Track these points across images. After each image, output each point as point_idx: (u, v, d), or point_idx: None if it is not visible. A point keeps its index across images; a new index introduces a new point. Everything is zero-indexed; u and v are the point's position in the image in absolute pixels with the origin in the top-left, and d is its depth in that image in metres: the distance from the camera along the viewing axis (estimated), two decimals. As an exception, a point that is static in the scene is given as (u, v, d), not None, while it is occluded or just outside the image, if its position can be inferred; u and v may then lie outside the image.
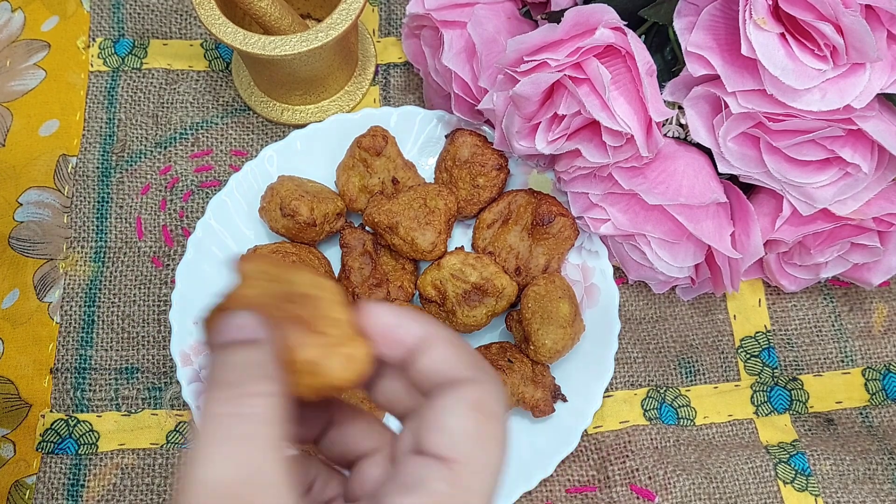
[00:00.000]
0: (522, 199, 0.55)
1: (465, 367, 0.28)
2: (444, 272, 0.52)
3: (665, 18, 0.48)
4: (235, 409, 0.26)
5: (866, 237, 0.50)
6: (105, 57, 0.64)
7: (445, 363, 0.28)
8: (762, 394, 0.55)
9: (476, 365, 0.28)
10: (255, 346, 0.27)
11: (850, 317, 0.57)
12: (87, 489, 0.52)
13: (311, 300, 0.29)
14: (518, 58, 0.47)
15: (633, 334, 0.56)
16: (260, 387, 0.26)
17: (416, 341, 0.29)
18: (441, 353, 0.28)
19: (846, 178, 0.48)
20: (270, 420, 0.26)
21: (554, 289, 0.52)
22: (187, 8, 0.66)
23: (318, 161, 0.58)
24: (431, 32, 0.58)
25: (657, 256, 0.52)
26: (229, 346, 0.27)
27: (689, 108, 0.49)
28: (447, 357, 0.28)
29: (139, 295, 0.57)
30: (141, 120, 0.62)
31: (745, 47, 0.43)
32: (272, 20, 0.57)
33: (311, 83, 0.60)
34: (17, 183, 0.60)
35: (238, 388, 0.26)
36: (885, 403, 0.55)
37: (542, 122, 0.49)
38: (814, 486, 0.51)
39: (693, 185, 0.49)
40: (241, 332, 0.28)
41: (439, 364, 0.28)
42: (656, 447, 0.53)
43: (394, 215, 0.53)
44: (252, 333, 0.28)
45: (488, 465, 0.27)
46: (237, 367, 0.27)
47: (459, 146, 0.55)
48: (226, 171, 0.61)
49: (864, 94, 0.44)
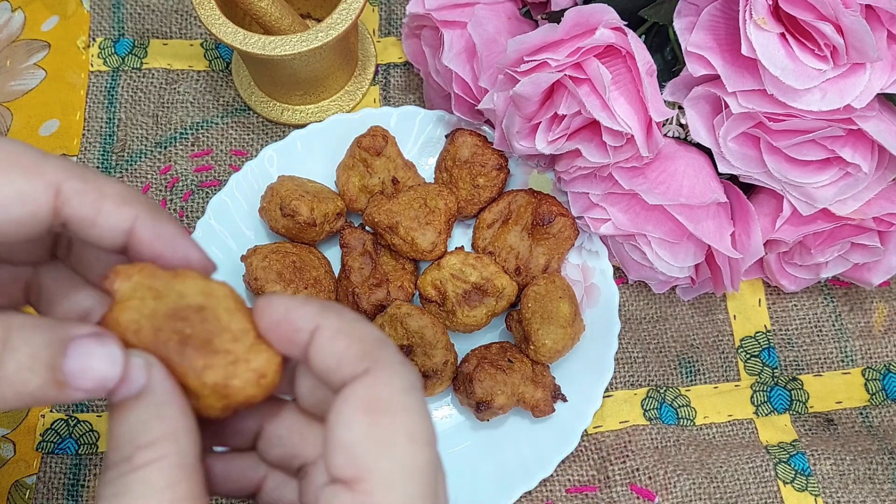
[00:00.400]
0: (522, 199, 0.55)
1: (354, 358, 0.25)
2: (444, 272, 0.52)
3: (665, 18, 0.48)
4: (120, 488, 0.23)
5: (866, 237, 0.50)
6: (105, 57, 0.64)
7: (332, 357, 0.25)
8: (762, 394, 0.55)
9: (366, 351, 0.25)
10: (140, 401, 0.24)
11: (850, 317, 0.57)
12: (87, 489, 0.51)
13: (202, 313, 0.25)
14: (518, 58, 0.47)
15: (633, 334, 0.56)
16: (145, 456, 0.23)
17: (307, 335, 0.25)
18: (326, 346, 0.25)
19: (846, 178, 0.48)
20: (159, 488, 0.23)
21: (554, 289, 0.52)
22: (187, 8, 0.66)
23: (318, 161, 0.58)
24: (431, 32, 0.58)
25: (657, 256, 0.52)
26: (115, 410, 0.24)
27: (690, 108, 0.49)
28: (333, 349, 0.25)
29: (139, 295, 0.57)
30: (141, 120, 0.62)
31: (746, 47, 0.43)
32: (272, 20, 0.57)
33: (311, 83, 0.60)
34: (17, 183, 0.60)
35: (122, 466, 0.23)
36: (885, 403, 0.55)
37: (542, 122, 0.49)
38: (814, 486, 0.51)
39: (693, 185, 0.49)
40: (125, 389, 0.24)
41: (326, 359, 0.25)
42: (656, 447, 0.53)
43: (394, 215, 0.53)
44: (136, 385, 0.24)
45: (399, 471, 0.23)
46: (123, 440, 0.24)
47: (459, 146, 0.55)
48: (226, 171, 0.61)
49: (864, 94, 0.44)
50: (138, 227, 0.27)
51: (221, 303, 0.26)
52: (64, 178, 0.26)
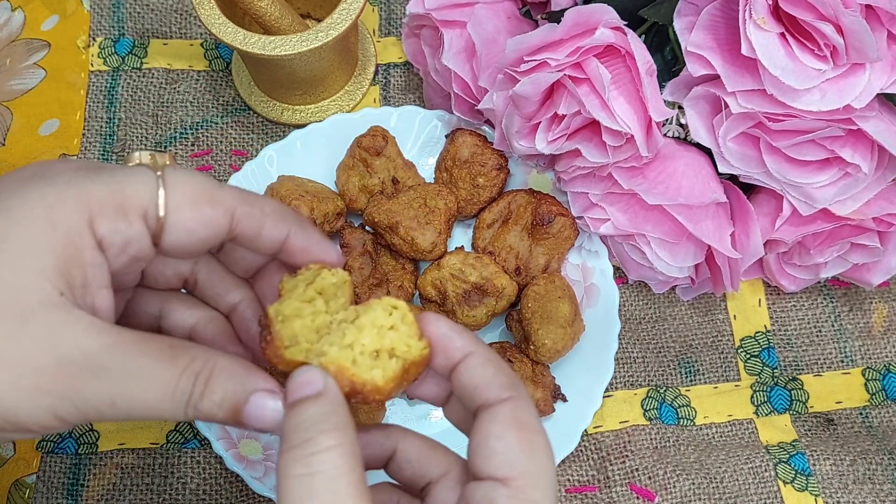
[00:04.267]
0: (522, 199, 0.55)
1: (501, 386, 0.31)
2: (444, 272, 0.52)
3: (665, 18, 0.48)
4: (308, 469, 0.28)
5: (866, 237, 0.50)
6: (105, 56, 0.64)
7: (483, 377, 0.31)
8: (762, 394, 0.55)
9: (510, 382, 0.31)
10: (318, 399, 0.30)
11: (850, 317, 0.57)
12: (86, 488, 0.51)
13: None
14: (518, 58, 0.47)
15: (633, 334, 0.56)
16: (328, 441, 0.28)
17: (462, 354, 0.32)
18: (480, 369, 0.31)
19: (846, 178, 0.48)
20: (343, 471, 0.28)
21: (554, 289, 0.52)
22: (187, 8, 0.66)
23: (318, 161, 0.58)
24: (431, 32, 0.58)
25: (657, 256, 0.52)
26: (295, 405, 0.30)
27: (689, 107, 0.49)
28: (485, 373, 0.31)
29: (139, 294, 0.57)
30: (141, 119, 0.62)
31: (745, 47, 0.43)
32: (272, 20, 0.57)
33: (311, 83, 0.60)
34: (17, 182, 0.60)
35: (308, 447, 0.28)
36: (884, 403, 0.55)
37: (542, 122, 0.49)
38: (814, 486, 0.51)
39: (693, 185, 0.49)
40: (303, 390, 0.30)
41: (478, 378, 0.31)
42: (656, 447, 0.53)
43: (394, 215, 0.53)
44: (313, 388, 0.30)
45: (543, 474, 0.30)
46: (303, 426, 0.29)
47: (459, 146, 0.55)
48: (226, 170, 0.61)
49: (864, 94, 0.44)
50: (292, 238, 0.34)
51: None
52: (236, 203, 0.32)
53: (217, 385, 0.30)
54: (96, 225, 0.30)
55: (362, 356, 0.31)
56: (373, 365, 0.31)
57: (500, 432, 0.30)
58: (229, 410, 0.30)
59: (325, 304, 0.34)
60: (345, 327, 0.32)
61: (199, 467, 0.52)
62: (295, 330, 0.32)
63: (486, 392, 0.31)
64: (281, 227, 0.34)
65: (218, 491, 0.52)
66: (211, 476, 0.52)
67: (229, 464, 0.49)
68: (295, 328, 0.32)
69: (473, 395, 0.31)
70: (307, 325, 0.33)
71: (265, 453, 0.51)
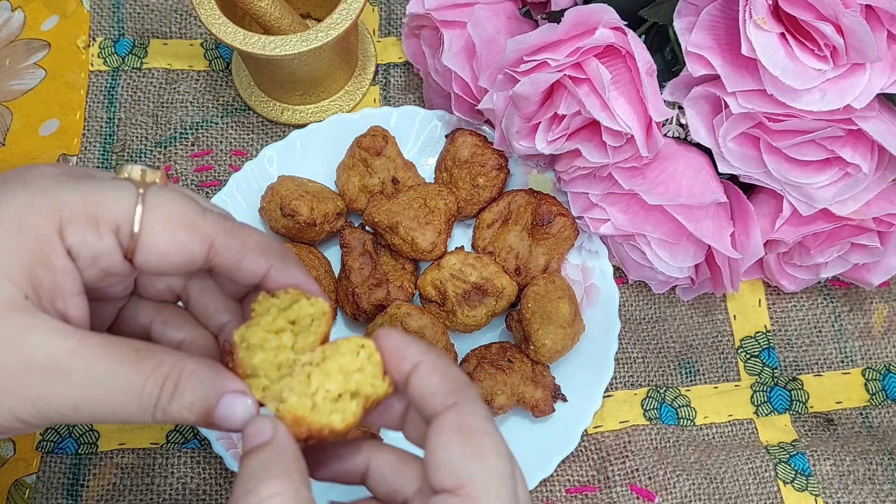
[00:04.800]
0: (522, 199, 0.55)
1: (445, 392, 0.31)
2: (444, 272, 0.52)
3: (665, 18, 0.48)
4: None
5: (866, 237, 0.50)
6: (105, 56, 0.64)
7: (429, 386, 0.31)
8: (762, 394, 0.55)
9: (454, 387, 0.31)
10: (265, 448, 0.30)
11: (850, 317, 0.57)
12: (86, 488, 0.51)
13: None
14: (518, 58, 0.47)
15: (633, 334, 0.56)
16: (269, 489, 0.28)
17: (412, 365, 0.31)
18: (426, 378, 0.31)
19: (846, 178, 0.48)
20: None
21: (554, 289, 0.52)
22: (187, 8, 0.66)
23: (318, 161, 0.58)
24: (431, 32, 0.58)
25: (657, 256, 0.52)
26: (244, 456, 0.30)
27: (689, 108, 0.49)
28: (431, 381, 0.31)
29: (139, 295, 0.57)
30: (141, 119, 0.62)
31: (745, 47, 0.43)
32: (272, 20, 0.57)
33: (311, 83, 0.60)
34: (17, 182, 0.60)
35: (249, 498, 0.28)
36: (885, 404, 0.55)
37: (542, 122, 0.49)
38: (814, 487, 0.51)
39: (693, 185, 0.49)
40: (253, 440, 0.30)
41: (425, 388, 0.31)
42: (656, 447, 0.53)
43: (394, 215, 0.53)
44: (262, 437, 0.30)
45: (493, 478, 0.29)
46: (247, 477, 0.29)
47: (459, 146, 0.55)
48: (226, 170, 0.61)
49: (864, 94, 0.44)
50: (273, 273, 0.33)
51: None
52: (216, 233, 0.32)
53: (186, 388, 0.30)
54: (66, 233, 0.29)
55: (324, 401, 0.31)
56: (332, 409, 0.31)
57: (444, 442, 0.29)
58: (200, 413, 0.30)
59: (292, 338, 0.33)
60: (309, 370, 0.31)
61: (199, 467, 0.52)
62: (256, 363, 0.32)
63: (433, 401, 0.31)
64: (261, 262, 0.33)
65: (218, 491, 0.52)
66: (211, 476, 0.52)
67: (229, 464, 0.49)
68: (255, 362, 0.32)
69: (422, 406, 0.31)
70: (269, 360, 0.32)
71: (265, 453, 0.50)
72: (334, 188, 0.58)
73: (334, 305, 0.55)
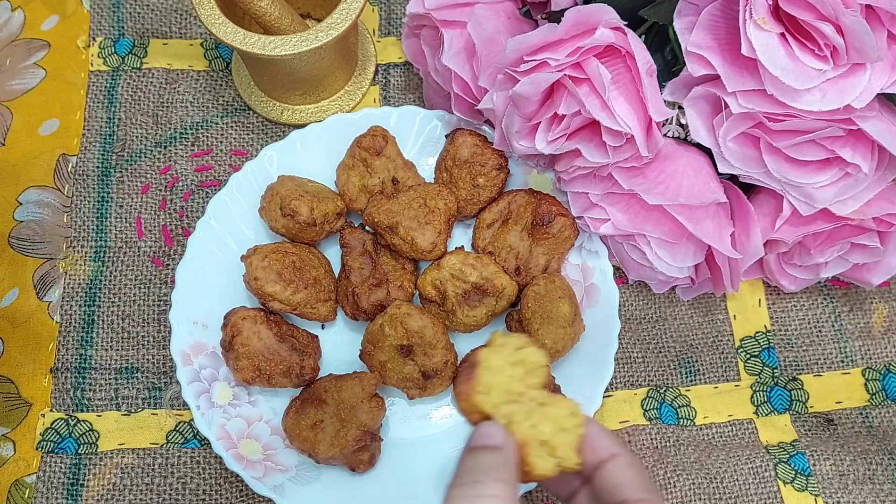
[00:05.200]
0: (522, 199, 0.55)
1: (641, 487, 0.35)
2: (444, 272, 0.52)
3: (665, 18, 0.48)
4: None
5: (866, 237, 0.50)
6: (105, 56, 0.64)
7: (626, 477, 0.35)
8: (762, 394, 0.55)
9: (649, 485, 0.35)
10: (496, 451, 0.34)
11: (850, 317, 0.57)
12: (86, 488, 0.52)
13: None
14: (518, 58, 0.47)
15: (633, 334, 0.56)
16: (494, 489, 0.33)
17: (608, 454, 0.36)
18: (624, 469, 0.36)
19: (846, 178, 0.48)
20: None
21: (554, 289, 0.52)
22: (187, 7, 0.66)
23: (318, 161, 0.58)
24: (431, 32, 0.58)
25: (657, 256, 0.52)
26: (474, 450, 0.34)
27: (689, 108, 0.49)
28: (628, 473, 0.36)
29: (139, 294, 0.57)
30: (141, 119, 0.62)
31: (746, 47, 0.43)
32: (272, 20, 0.57)
33: (311, 83, 0.60)
34: (16, 182, 0.60)
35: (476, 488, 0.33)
36: (885, 403, 0.55)
37: (542, 122, 0.49)
38: (814, 486, 0.51)
39: (693, 185, 0.49)
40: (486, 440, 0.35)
41: (620, 477, 0.35)
42: (656, 447, 0.53)
43: (394, 215, 0.53)
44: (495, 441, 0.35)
45: None
46: (477, 469, 0.33)
47: (459, 146, 0.55)
48: (226, 170, 0.61)
49: (864, 94, 0.44)
50: None
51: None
52: None
53: None
54: None
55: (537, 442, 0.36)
56: (540, 454, 0.37)
57: None
58: None
59: (523, 374, 0.39)
60: (533, 407, 0.37)
61: (199, 467, 0.52)
62: (492, 383, 0.38)
63: (626, 491, 0.35)
64: None
65: (218, 491, 0.52)
66: (211, 476, 0.52)
67: (229, 464, 0.49)
68: (492, 382, 0.38)
69: (615, 492, 0.35)
70: (503, 384, 0.38)
71: (265, 453, 0.51)
72: (334, 188, 0.58)
73: (333, 306, 0.55)
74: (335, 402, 0.50)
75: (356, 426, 0.48)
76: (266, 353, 0.50)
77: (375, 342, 0.51)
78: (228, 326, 0.51)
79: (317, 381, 0.52)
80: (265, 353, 0.50)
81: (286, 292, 0.52)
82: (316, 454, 0.49)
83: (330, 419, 0.49)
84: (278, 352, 0.51)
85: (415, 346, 0.50)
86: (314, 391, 0.51)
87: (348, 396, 0.49)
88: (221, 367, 0.52)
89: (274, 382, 0.51)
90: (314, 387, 0.51)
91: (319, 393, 0.51)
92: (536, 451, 0.36)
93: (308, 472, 0.51)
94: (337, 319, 0.56)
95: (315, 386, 0.51)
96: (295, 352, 0.51)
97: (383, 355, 0.51)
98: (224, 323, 0.52)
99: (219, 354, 0.52)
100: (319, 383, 0.51)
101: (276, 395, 0.53)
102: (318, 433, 0.49)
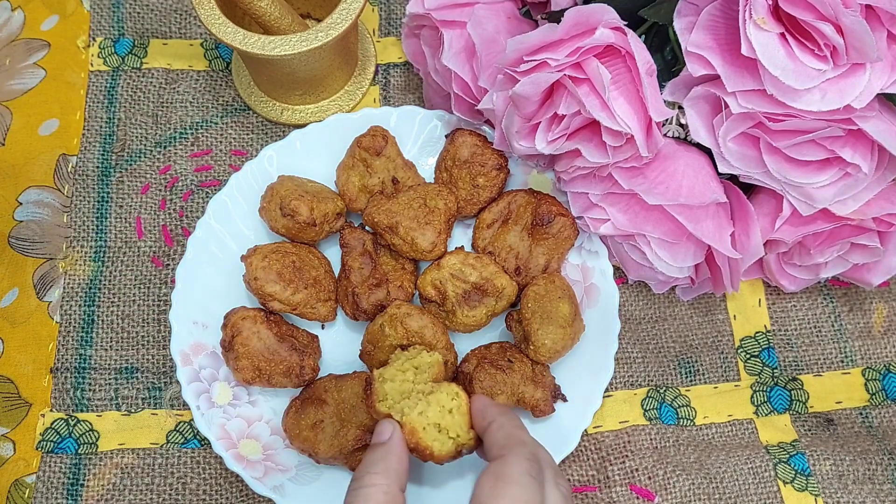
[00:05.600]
0: (522, 199, 0.55)
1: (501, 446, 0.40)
2: (444, 272, 0.52)
3: (665, 18, 0.48)
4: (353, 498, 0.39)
5: (866, 237, 0.50)
6: (105, 56, 0.64)
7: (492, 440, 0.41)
8: (762, 394, 0.55)
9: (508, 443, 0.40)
10: (381, 446, 0.41)
11: (850, 317, 0.57)
12: (86, 488, 0.52)
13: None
14: (518, 58, 0.47)
15: (633, 334, 0.56)
16: (373, 480, 0.39)
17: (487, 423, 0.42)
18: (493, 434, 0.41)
19: (846, 178, 0.47)
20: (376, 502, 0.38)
21: (554, 289, 0.52)
22: (187, 8, 0.66)
23: (318, 161, 0.58)
24: (431, 32, 0.58)
25: (657, 256, 0.52)
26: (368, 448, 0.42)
27: (689, 108, 0.49)
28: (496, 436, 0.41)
29: (139, 295, 0.57)
30: (141, 119, 0.62)
31: (745, 47, 0.43)
32: (272, 20, 0.57)
33: (311, 83, 0.60)
34: (16, 182, 0.60)
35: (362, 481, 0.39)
36: (885, 403, 0.55)
37: (542, 122, 0.49)
38: (814, 486, 0.51)
39: (693, 185, 0.49)
40: (376, 438, 0.42)
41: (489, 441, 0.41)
42: (656, 447, 0.53)
43: (394, 215, 0.53)
44: (381, 438, 0.41)
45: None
46: (364, 465, 0.40)
47: (459, 146, 0.55)
48: (226, 170, 0.61)
49: (864, 94, 0.44)
50: None
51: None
52: None
53: None
54: None
55: (429, 426, 0.42)
56: (436, 437, 0.42)
57: (481, 482, 0.39)
58: None
59: (413, 376, 0.45)
60: (419, 398, 0.43)
61: (199, 467, 0.52)
62: (387, 389, 0.44)
63: (491, 451, 0.41)
64: None
65: (218, 491, 0.52)
66: (211, 476, 0.52)
67: (229, 464, 0.49)
68: (387, 388, 0.44)
69: (489, 452, 0.41)
70: (396, 388, 0.44)
71: (265, 453, 0.51)
72: (334, 188, 0.58)
73: (333, 306, 0.55)
74: (335, 402, 0.50)
75: (356, 426, 0.48)
76: (266, 353, 0.50)
77: (375, 342, 0.51)
78: (228, 326, 0.51)
79: (317, 381, 0.52)
80: (265, 353, 0.50)
81: (286, 292, 0.52)
82: (316, 454, 0.49)
83: (330, 419, 0.49)
84: (278, 352, 0.51)
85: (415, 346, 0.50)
86: (314, 391, 0.51)
87: (348, 396, 0.49)
88: (221, 367, 0.52)
89: (274, 382, 0.51)
90: (314, 387, 0.51)
91: (319, 393, 0.51)
92: (431, 435, 0.42)
93: (308, 472, 0.51)
94: (337, 319, 0.56)
95: (315, 386, 0.51)
96: (295, 352, 0.51)
97: (383, 355, 0.51)
98: (224, 323, 0.52)
99: (219, 354, 0.53)
100: (319, 383, 0.51)
101: (276, 395, 0.53)
102: (318, 433, 0.49)
